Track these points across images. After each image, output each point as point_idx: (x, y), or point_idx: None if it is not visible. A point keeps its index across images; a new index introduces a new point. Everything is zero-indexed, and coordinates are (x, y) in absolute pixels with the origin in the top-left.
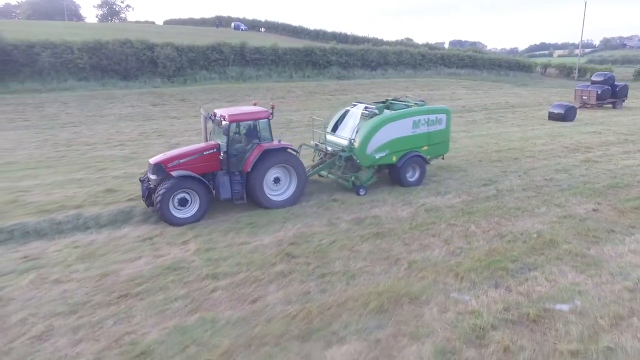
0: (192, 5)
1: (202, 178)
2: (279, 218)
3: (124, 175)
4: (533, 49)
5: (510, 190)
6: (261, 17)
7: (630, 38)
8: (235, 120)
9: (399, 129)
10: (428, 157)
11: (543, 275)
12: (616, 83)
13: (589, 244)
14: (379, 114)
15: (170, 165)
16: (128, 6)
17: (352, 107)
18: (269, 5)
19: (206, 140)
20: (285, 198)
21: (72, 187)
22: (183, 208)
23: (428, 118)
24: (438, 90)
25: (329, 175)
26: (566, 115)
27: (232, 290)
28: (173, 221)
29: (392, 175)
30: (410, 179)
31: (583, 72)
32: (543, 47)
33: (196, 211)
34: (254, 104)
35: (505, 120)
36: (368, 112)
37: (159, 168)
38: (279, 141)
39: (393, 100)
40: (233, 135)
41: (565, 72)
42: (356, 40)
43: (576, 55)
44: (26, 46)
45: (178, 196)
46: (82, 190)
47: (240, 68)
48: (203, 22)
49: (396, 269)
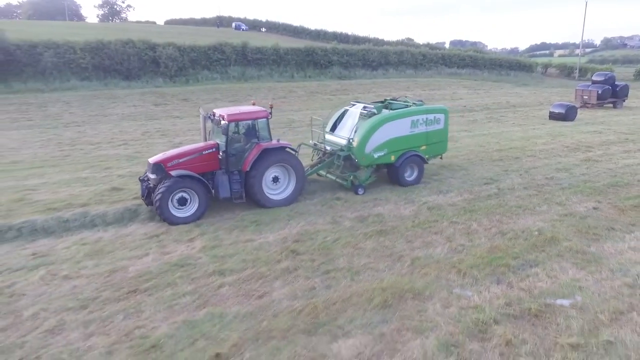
0: (193, 5)
1: (202, 177)
2: (283, 216)
3: (129, 174)
4: (534, 49)
5: (511, 188)
6: (262, 17)
7: (631, 38)
8: (234, 119)
9: (397, 129)
10: (426, 157)
11: (544, 271)
12: (617, 83)
13: (590, 242)
14: (378, 114)
15: (169, 164)
16: (129, 6)
17: (351, 107)
18: (270, 5)
19: (205, 139)
20: (284, 197)
21: (78, 186)
22: (182, 207)
23: (426, 118)
24: (439, 90)
25: (328, 174)
26: (567, 114)
27: (239, 286)
28: (172, 220)
29: (391, 174)
30: (408, 179)
31: (584, 72)
32: (544, 47)
33: (195, 210)
34: (253, 104)
35: (506, 119)
36: (366, 112)
37: (159, 167)
38: (278, 140)
39: (391, 100)
40: (232, 134)
41: (565, 72)
42: (357, 40)
43: (577, 55)
44: (29, 46)
45: (177, 195)
46: (88, 188)
47: (241, 68)
48: (204, 22)
49: (399, 266)
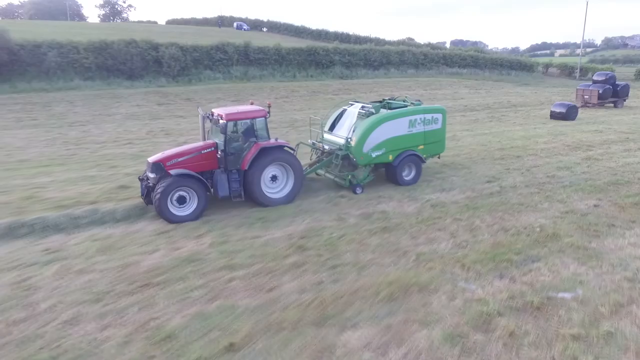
0: (194, 5)
1: (200, 176)
2: (289, 213)
3: (135, 172)
4: (534, 49)
5: (513, 186)
6: (263, 17)
7: (632, 37)
8: (232, 119)
9: (395, 128)
10: (424, 156)
11: (546, 266)
12: (617, 82)
13: (590, 238)
14: (376, 113)
15: (168, 163)
16: (130, 6)
17: (349, 107)
18: (270, 5)
19: (204, 139)
20: (282, 196)
21: (86, 184)
22: (181, 206)
23: (424, 117)
24: (440, 89)
25: (326, 174)
26: (568, 114)
27: (248, 280)
28: (171, 219)
29: (389, 173)
30: (406, 178)
31: (584, 72)
32: (544, 47)
33: (194, 209)
34: (251, 104)
35: (507, 119)
36: (365, 112)
37: (158, 166)
38: (276, 139)
39: (390, 99)
40: (230, 133)
41: (566, 72)
42: (358, 40)
43: (577, 54)
44: (33, 46)
45: (176, 194)
46: (96, 186)
47: (244, 68)
48: (205, 22)
49: (405, 261)
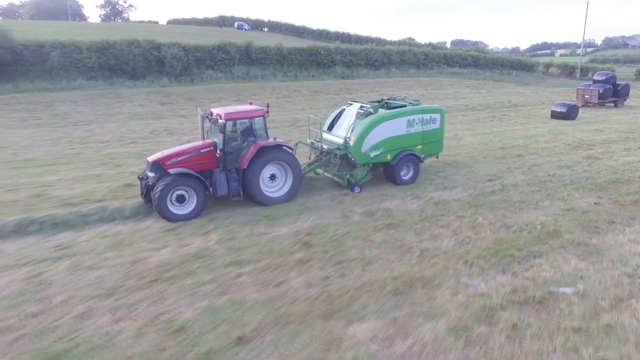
0: (194, 5)
1: (200, 175)
2: (294, 211)
3: (140, 171)
4: (535, 49)
5: (514, 185)
6: (264, 17)
7: (632, 37)
8: (231, 118)
9: (394, 128)
10: (422, 156)
11: (547, 262)
12: (618, 82)
13: (591, 234)
14: (374, 113)
15: (168, 162)
16: (131, 6)
17: (348, 106)
18: (271, 5)
19: (203, 138)
20: (281, 194)
21: (92, 183)
22: (181, 205)
23: (422, 117)
24: (441, 89)
25: (325, 173)
26: (568, 113)
27: (256, 275)
28: (170, 217)
29: (387, 173)
30: (404, 177)
31: (585, 72)
32: (545, 47)
33: (193, 208)
34: (250, 103)
35: (508, 118)
36: (363, 111)
37: (157, 166)
38: (275, 139)
39: (388, 99)
40: (229, 133)
41: (567, 72)
42: (359, 40)
43: (578, 54)
44: (36, 46)
45: (176, 193)
46: (102, 185)
47: (246, 67)
48: (206, 22)
49: (409, 257)
